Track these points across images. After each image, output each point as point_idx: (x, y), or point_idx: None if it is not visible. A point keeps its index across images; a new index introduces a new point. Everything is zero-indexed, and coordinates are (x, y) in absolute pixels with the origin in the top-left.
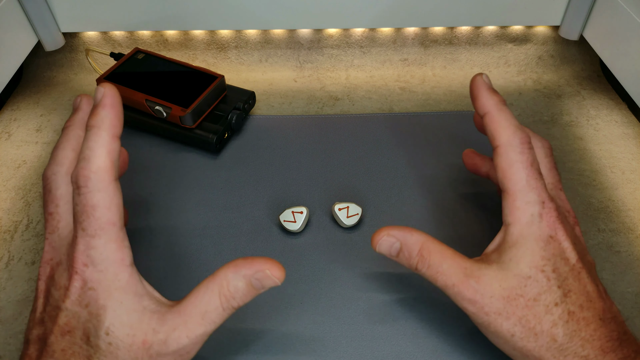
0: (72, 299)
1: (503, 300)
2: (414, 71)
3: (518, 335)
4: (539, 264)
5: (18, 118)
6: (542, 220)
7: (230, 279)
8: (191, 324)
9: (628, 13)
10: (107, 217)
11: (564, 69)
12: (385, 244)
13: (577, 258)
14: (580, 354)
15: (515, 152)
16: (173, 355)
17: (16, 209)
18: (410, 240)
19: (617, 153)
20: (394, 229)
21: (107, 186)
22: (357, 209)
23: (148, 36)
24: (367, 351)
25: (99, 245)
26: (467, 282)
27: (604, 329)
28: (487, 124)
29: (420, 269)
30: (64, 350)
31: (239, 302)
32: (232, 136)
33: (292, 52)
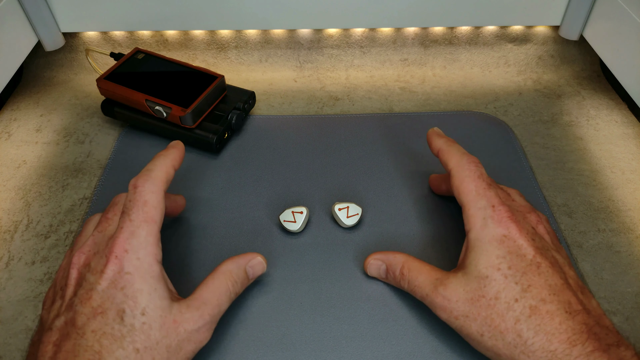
0: (108, 281)
1: (468, 302)
2: (414, 71)
3: (487, 335)
4: (494, 262)
5: (18, 118)
6: (494, 221)
7: (232, 269)
8: (209, 304)
9: (628, 13)
10: (152, 214)
11: (564, 69)
12: (374, 267)
13: (535, 253)
14: (548, 349)
15: (464, 169)
16: (197, 332)
17: (16, 209)
18: (393, 262)
19: (617, 153)
20: (379, 254)
21: (159, 191)
22: (357, 209)
23: (148, 36)
24: (367, 351)
25: (141, 235)
26: (436, 290)
27: (570, 321)
28: (440, 157)
29: (402, 285)
30: (95, 331)
31: (239, 288)
32: (232, 136)
33: (292, 52)
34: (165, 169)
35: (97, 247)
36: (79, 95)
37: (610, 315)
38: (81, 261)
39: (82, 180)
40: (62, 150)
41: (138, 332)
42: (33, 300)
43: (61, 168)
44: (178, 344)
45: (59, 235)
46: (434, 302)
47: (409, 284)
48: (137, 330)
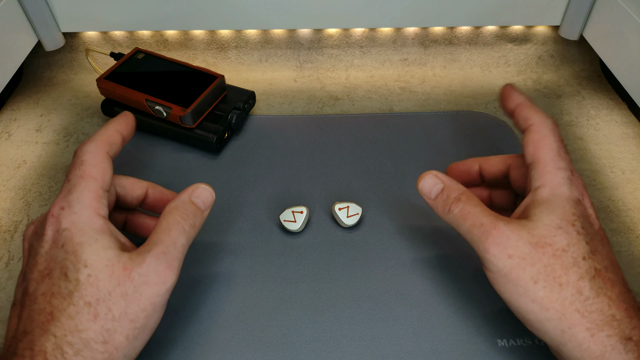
0: (49, 242)
1: (530, 245)
2: (414, 71)
3: (541, 282)
4: (570, 218)
5: (18, 118)
6: (572, 183)
7: (177, 205)
8: (161, 243)
9: (628, 13)
10: (89, 171)
11: (564, 69)
12: (429, 183)
13: (599, 226)
14: (607, 313)
15: (547, 128)
16: (154, 274)
17: (16, 209)
18: (453, 186)
19: (617, 153)
20: (441, 173)
21: (97, 151)
22: (357, 208)
23: (148, 36)
24: (368, 351)
25: (77, 191)
26: (495, 222)
27: (627, 295)
28: (519, 111)
29: (453, 209)
30: (44, 293)
31: (193, 220)
32: (232, 136)
33: (292, 52)
34: (107, 133)
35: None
36: (79, 95)
37: None
38: (29, 232)
39: None
40: (62, 150)
41: (85, 286)
42: None
43: (61, 168)
44: (135, 289)
45: None
46: (488, 232)
47: (461, 210)
48: (84, 284)
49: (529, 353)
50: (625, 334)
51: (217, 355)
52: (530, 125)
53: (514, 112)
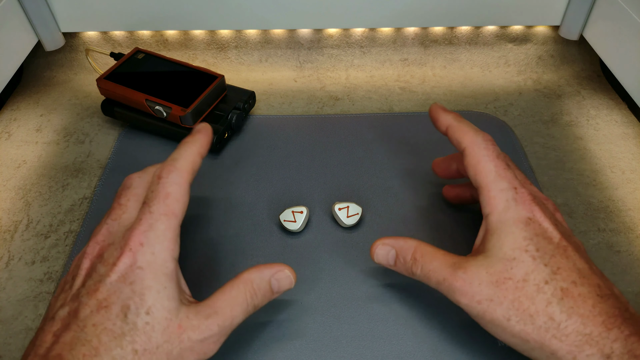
0: (118, 274)
1: (492, 285)
2: (414, 71)
3: (514, 319)
4: (522, 244)
5: (18, 118)
6: (518, 203)
7: (253, 278)
8: (221, 314)
9: (628, 13)
10: (174, 207)
11: (564, 69)
12: (382, 253)
13: (560, 237)
14: (583, 332)
15: (480, 147)
16: (202, 343)
17: (16, 209)
18: (404, 247)
19: (617, 153)
20: (388, 239)
21: (183, 183)
22: (357, 208)
23: (148, 36)
24: (368, 351)
25: (159, 229)
26: (455, 274)
27: (603, 304)
28: (450, 135)
29: (415, 271)
30: (96, 325)
31: (259, 301)
32: (232, 136)
33: (292, 52)
34: (191, 159)
35: (112, 237)
36: (79, 95)
37: None
38: (95, 251)
39: (82, 180)
40: (62, 150)
41: (139, 332)
42: (33, 300)
43: (61, 168)
44: (180, 352)
45: (59, 235)
46: (452, 286)
47: (422, 269)
48: (139, 330)
49: None
50: (605, 351)
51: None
52: (464, 149)
53: (447, 135)
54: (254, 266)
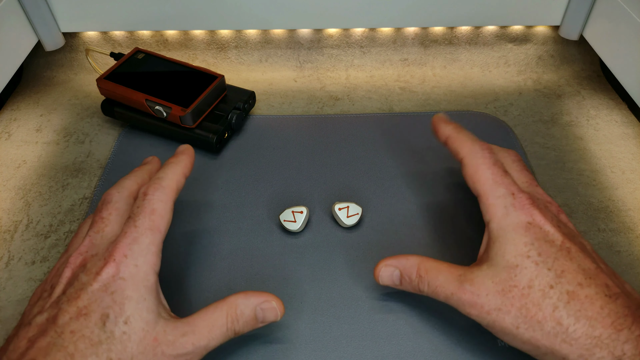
0: (101, 283)
1: (498, 295)
2: (414, 71)
3: (523, 326)
4: (523, 250)
5: (18, 118)
6: (516, 209)
7: (238, 303)
8: (198, 334)
9: (628, 13)
10: (158, 223)
11: (564, 69)
12: (386, 275)
13: (563, 239)
14: (592, 335)
15: (477, 157)
16: (175, 359)
17: (16, 209)
18: (407, 265)
19: (617, 153)
20: (390, 259)
21: (168, 200)
22: (357, 208)
23: (148, 36)
24: (368, 351)
25: (143, 242)
26: (462, 287)
27: (612, 305)
28: (449, 145)
29: (422, 289)
30: (73, 332)
31: (240, 328)
32: (232, 136)
33: (292, 52)
34: (176, 178)
35: (95, 249)
36: (79, 95)
37: None
38: (77, 262)
39: (82, 180)
40: (62, 150)
41: (116, 341)
42: None
43: (61, 168)
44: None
45: (59, 235)
46: (461, 299)
47: (428, 286)
48: (116, 339)
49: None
50: (616, 353)
51: (217, 355)
52: (462, 159)
53: (446, 145)
54: (242, 291)
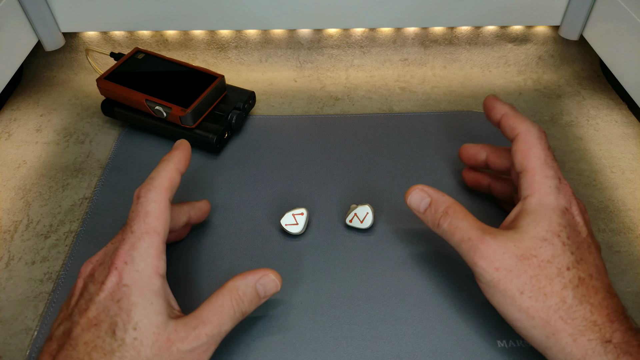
0: (106, 292)
1: (516, 258)
2: (414, 71)
3: (527, 293)
4: (556, 229)
5: (18, 118)
6: (560, 192)
7: (238, 285)
8: (208, 323)
9: (628, 13)
10: (154, 225)
11: (564, 69)
12: (416, 198)
13: (587, 233)
14: (589, 319)
15: (534, 136)
16: (191, 353)
17: (16, 209)
18: (440, 199)
19: (617, 153)
20: (426, 186)
21: (162, 200)
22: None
23: (148, 36)
24: (368, 351)
25: (141, 247)
26: (483, 236)
27: (610, 300)
28: (506, 122)
29: (442, 223)
30: (87, 343)
31: (247, 307)
32: (232, 136)
33: (292, 52)
34: (169, 176)
35: (104, 258)
36: (79, 95)
37: None
38: (87, 271)
39: (82, 180)
40: (62, 150)
41: (128, 348)
42: (33, 300)
43: (61, 168)
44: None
45: (59, 235)
46: (476, 246)
47: (450, 223)
48: (128, 346)
49: (528, 354)
50: (606, 337)
51: (217, 355)
52: (517, 134)
53: (500, 122)
54: (239, 274)
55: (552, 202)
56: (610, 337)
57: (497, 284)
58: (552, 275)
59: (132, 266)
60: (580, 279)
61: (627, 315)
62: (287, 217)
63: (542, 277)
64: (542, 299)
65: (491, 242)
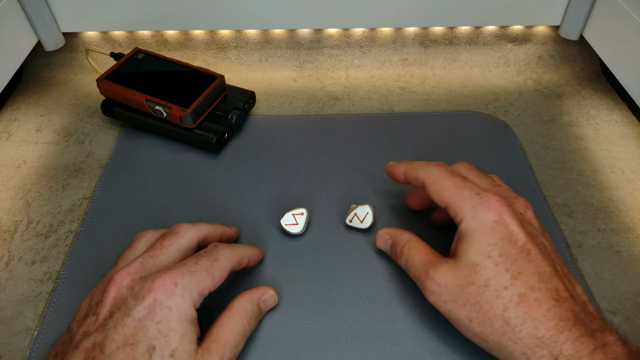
0: (146, 309)
1: (457, 288)
2: (414, 71)
3: (475, 320)
4: (485, 250)
5: (18, 118)
6: (483, 207)
7: (245, 306)
8: (228, 346)
9: (628, 13)
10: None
11: (564, 69)
12: (382, 240)
13: (525, 240)
14: (536, 336)
15: (434, 172)
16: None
17: (16, 209)
18: (399, 238)
19: (617, 153)
20: (389, 229)
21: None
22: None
23: (148, 36)
24: (368, 351)
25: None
26: (427, 273)
27: (557, 308)
28: (409, 176)
29: (400, 262)
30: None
31: (253, 324)
32: (232, 136)
33: (292, 52)
34: (244, 255)
35: (144, 272)
36: (79, 95)
37: (610, 315)
38: (125, 282)
39: (82, 180)
40: (62, 150)
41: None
42: (33, 300)
43: (61, 168)
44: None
45: (59, 235)
46: (424, 284)
47: (406, 262)
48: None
49: None
50: (554, 353)
51: None
52: (422, 181)
53: (406, 180)
54: (241, 294)
55: (478, 223)
56: (558, 353)
57: (449, 315)
58: (491, 299)
59: (180, 290)
60: (520, 295)
61: (588, 314)
62: (287, 217)
63: (483, 302)
64: (488, 323)
65: (434, 277)
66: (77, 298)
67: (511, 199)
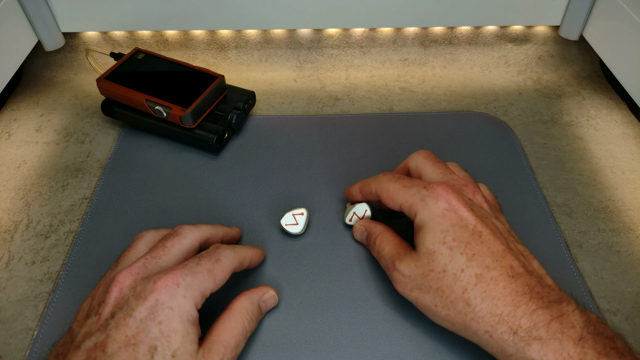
0: (148, 309)
1: (420, 276)
2: (414, 71)
3: (440, 305)
4: (439, 237)
5: (18, 118)
6: (432, 198)
7: (246, 306)
8: (229, 346)
9: (628, 13)
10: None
11: (564, 69)
12: (358, 232)
13: (475, 223)
14: (495, 313)
15: (382, 181)
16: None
17: (16, 209)
18: (373, 230)
19: (617, 153)
20: (365, 221)
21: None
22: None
23: (148, 36)
24: (368, 351)
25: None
26: (394, 264)
27: (513, 284)
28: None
29: (373, 253)
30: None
31: (254, 324)
32: (232, 136)
33: (292, 52)
34: (249, 256)
35: (147, 272)
36: (79, 95)
37: (611, 315)
38: (127, 282)
39: (82, 180)
40: (62, 150)
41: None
42: (33, 300)
43: (61, 168)
44: None
45: (59, 235)
46: (391, 275)
47: (377, 253)
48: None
49: None
50: (513, 328)
51: None
52: (375, 193)
53: (362, 196)
54: (241, 294)
55: (428, 213)
56: (517, 327)
57: (417, 302)
58: (451, 283)
59: (182, 290)
60: (477, 275)
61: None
62: (287, 217)
63: (444, 287)
64: (451, 306)
65: (400, 267)
66: (77, 298)
67: (459, 186)
